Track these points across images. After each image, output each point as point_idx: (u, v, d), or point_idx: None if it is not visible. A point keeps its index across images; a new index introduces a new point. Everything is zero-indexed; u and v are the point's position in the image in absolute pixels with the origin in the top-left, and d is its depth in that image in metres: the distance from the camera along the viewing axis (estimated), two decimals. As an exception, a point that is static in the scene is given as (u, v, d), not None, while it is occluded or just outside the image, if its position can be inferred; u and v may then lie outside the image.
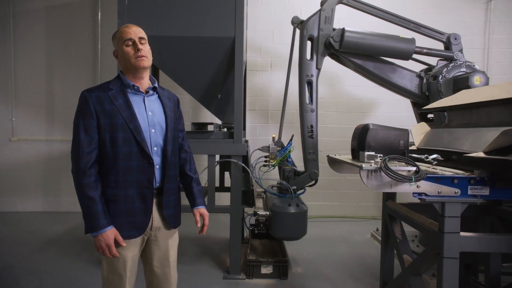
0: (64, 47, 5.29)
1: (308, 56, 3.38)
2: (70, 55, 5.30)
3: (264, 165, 3.31)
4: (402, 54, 3.31)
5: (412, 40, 3.29)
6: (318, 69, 3.38)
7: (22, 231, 4.33)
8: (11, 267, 3.22)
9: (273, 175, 3.62)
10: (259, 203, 3.48)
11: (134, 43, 1.59)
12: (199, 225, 1.84)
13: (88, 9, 5.27)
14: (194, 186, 1.86)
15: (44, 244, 3.86)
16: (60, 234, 4.22)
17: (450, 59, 3.37)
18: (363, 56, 3.37)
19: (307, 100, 3.35)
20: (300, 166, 3.43)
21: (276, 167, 3.37)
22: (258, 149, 3.34)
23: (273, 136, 3.44)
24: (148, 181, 1.61)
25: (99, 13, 5.23)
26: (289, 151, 3.29)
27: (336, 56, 3.47)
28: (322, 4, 3.40)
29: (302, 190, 3.32)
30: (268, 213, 3.00)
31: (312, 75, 3.35)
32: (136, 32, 1.61)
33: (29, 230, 4.37)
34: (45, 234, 4.21)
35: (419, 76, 3.45)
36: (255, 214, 3.05)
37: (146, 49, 1.63)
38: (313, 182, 3.30)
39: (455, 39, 3.44)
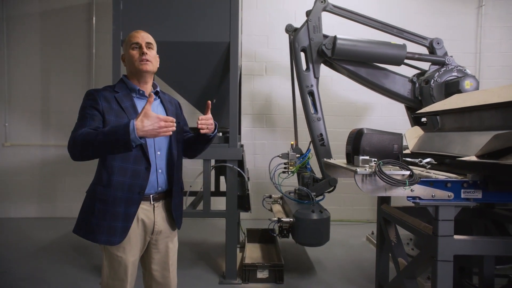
0: (58, 51, 5.27)
1: (304, 66, 3.41)
2: (64, 60, 5.28)
3: (283, 172, 3.33)
4: (393, 60, 3.34)
5: (403, 46, 3.33)
6: (317, 78, 3.41)
7: (16, 237, 4.29)
8: (4, 273, 3.18)
9: (289, 182, 3.60)
10: (276, 209, 3.51)
11: (140, 47, 1.62)
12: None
13: (83, 14, 5.26)
14: None
15: (39, 250, 3.82)
16: (55, 240, 4.18)
17: (441, 64, 3.41)
18: (355, 62, 3.40)
19: (312, 110, 3.38)
20: (316, 172, 3.45)
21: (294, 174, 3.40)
22: (278, 156, 3.38)
23: (292, 143, 3.47)
24: (140, 187, 1.58)
25: (94, 18, 5.23)
26: (308, 158, 3.34)
27: (330, 63, 3.50)
28: (307, 14, 3.43)
29: (322, 196, 3.34)
30: (292, 219, 2.98)
31: (312, 85, 3.39)
32: (144, 37, 1.65)
33: (23, 236, 4.33)
34: (39, 240, 4.17)
35: (411, 81, 3.49)
36: (279, 220, 3.00)
37: (151, 54, 1.65)
38: (332, 188, 3.33)
39: (438, 43, 3.50)
